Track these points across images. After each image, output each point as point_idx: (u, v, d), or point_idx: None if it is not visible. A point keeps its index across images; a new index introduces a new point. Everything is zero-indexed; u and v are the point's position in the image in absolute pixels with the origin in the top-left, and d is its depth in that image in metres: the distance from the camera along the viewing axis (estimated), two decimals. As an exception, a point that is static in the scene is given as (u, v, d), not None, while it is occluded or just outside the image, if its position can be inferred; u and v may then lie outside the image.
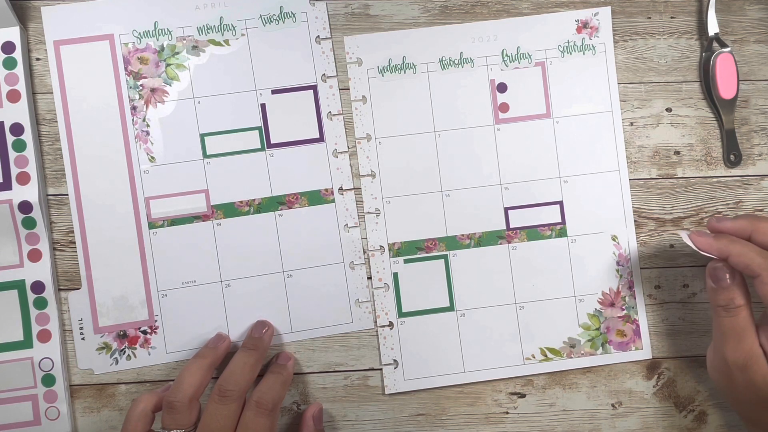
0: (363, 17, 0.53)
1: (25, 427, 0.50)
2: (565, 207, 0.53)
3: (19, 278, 0.50)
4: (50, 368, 0.50)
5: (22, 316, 0.50)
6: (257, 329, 0.50)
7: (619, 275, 0.53)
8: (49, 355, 0.50)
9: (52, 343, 0.50)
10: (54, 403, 0.50)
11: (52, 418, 0.50)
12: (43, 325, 0.50)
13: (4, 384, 0.50)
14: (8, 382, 0.50)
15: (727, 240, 0.44)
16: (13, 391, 0.50)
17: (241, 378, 0.46)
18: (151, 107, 0.51)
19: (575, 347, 0.52)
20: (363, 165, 0.53)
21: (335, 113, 0.52)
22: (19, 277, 0.50)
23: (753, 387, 0.44)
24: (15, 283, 0.50)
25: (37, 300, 0.50)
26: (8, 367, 0.50)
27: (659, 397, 0.53)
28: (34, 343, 0.50)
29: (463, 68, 0.53)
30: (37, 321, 0.50)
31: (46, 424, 0.50)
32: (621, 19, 0.53)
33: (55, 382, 0.50)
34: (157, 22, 0.51)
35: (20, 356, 0.50)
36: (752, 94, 0.54)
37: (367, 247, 0.52)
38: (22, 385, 0.50)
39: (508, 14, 0.53)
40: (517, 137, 0.53)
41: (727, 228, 0.45)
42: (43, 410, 0.50)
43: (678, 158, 0.53)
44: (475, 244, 0.53)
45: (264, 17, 0.52)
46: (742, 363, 0.44)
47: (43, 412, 0.50)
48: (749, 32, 0.54)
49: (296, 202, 0.52)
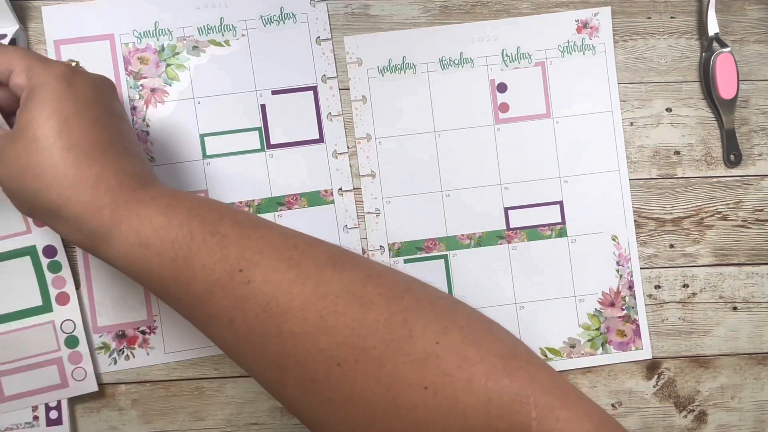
0: (363, 17, 0.53)
1: (54, 391, 0.50)
2: (565, 207, 0.53)
3: (30, 244, 0.50)
4: (72, 330, 0.50)
5: (38, 281, 0.50)
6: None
7: (619, 275, 0.53)
8: (70, 316, 0.50)
9: (72, 305, 0.50)
10: (80, 364, 0.50)
11: (78, 379, 0.50)
12: (60, 288, 0.50)
13: (28, 350, 0.50)
14: (32, 348, 0.50)
15: None
16: (37, 356, 0.50)
17: None
18: (151, 107, 0.52)
19: (575, 347, 0.52)
20: (363, 165, 0.53)
21: (335, 114, 0.52)
22: (29, 243, 0.50)
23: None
24: (26, 250, 0.50)
25: (52, 263, 0.50)
26: (30, 333, 0.50)
27: (659, 397, 0.53)
28: (53, 306, 0.50)
29: (463, 68, 0.53)
30: (53, 284, 0.50)
31: (73, 385, 0.50)
32: (621, 19, 0.53)
33: (78, 344, 0.50)
34: (157, 22, 0.52)
35: (41, 321, 0.50)
36: (752, 94, 0.54)
37: (367, 247, 0.52)
38: (46, 350, 0.50)
39: (508, 14, 0.53)
40: (517, 137, 0.53)
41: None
42: (69, 372, 0.50)
43: (678, 158, 0.53)
44: (475, 244, 0.53)
45: (264, 18, 0.52)
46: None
47: (70, 373, 0.50)
48: (749, 32, 0.54)
49: (296, 203, 0.52)
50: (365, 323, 0.35)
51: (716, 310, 0.53)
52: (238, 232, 0.37)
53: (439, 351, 0.35)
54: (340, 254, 0.38)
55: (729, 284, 0.53)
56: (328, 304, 0.35)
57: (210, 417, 0.52)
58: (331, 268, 0.37)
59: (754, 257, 0.53)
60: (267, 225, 0.39)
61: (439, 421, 0.34)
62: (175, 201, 0.38)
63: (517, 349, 0.37)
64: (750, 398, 0.53)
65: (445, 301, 0.38)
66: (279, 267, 0.36)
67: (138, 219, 0.37)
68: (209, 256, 0.37)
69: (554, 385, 0.35)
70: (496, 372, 0.34)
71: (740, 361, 0.53)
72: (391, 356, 0.35)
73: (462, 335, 0.36)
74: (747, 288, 0.53)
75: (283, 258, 0.37)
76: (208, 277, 0.37)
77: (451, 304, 0.38)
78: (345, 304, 0.36)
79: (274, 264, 0.36)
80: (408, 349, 0.35)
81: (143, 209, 0.38)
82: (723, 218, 0.53)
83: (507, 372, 0.35)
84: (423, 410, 0.34)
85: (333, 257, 0.38)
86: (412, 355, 0.35)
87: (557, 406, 0.34)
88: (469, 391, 0.34)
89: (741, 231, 0.53)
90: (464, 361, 0.35)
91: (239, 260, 0.36)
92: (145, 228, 0.37)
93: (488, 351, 0.35)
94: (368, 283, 0.37)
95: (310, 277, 0.36)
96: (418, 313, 0.36)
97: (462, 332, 0.36)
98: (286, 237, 0.38)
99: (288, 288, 0.36)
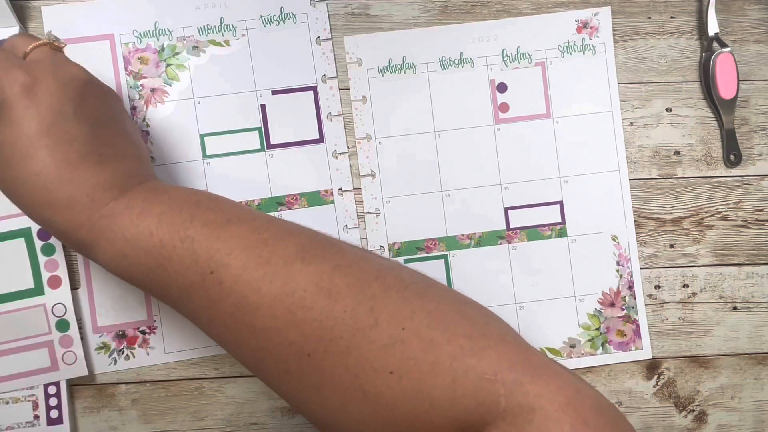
0: (363, 17, 0.53)
1: (44, 373, 0.50)
2: (565, 207, 0.53)
3: (25, 226, 0.50)
4: (63, 313, 0.50)
5: (30, 264, 0.50)
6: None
7: (619, 275, 0.53)
8: (61, 300, 0.50)
9: (63, 289, 0.50)
10: (70, 348, 0.50)
11: (69, 363, 0.50)
12: (52, 271, 0.50)
13: (20, 332, 0.50)
14: (23, 330, 0.50)
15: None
16: (28, 338, 0.50)
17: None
18: (151, 107, 0.52)
19: (575, 347, 0.52)
20: (363, 165, 0.53)
21: (335, 114, 0.52)
22: (25, 225, 0.50)
23: None
24: (21, 232, 0.50)
25: (45, 246, 0.50)
26: (21, 315, 0.50)
27: (659, 397, 0.53)
28: (45, 289, 0.50)
29: (463, 68, 0.53)
30: (46, 267, 0.50)
31: (64, 368, 0.50)
32: (621, 19, 0.53)
33: (69, 327, 0.50)
34: (157, 22, 0.52)
35: (32, 303, 0.50)
36: (752, 94, 0.54)
37: (367, 247, 0.52)
38: (37, 332, 0.50)
39: (508, 14, 0.53)
40: (517, 137, 0.53)
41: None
42: (60, 355, 0.50)
43: (678, 158, 0.53)
44: (475, 244, 0.53)
45: (264, 18, 0.52)
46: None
47: (60, 357, 0.50)
48: (749, 32, 0.54)
49: (296, 203, 0.52)
50: (332, 315, 0.36)
51: (716, 310, 0.53)
52: (208, 234, 0.38)
53: (404, 336, 0.36)
54: (310, 245, 0.39)
55: (729, 284, 0.53)
56: (296, 299, 0.37)
57: (210, 417, 0.52)
58: (300, 262, 0.37)
59: (754, 257, 0.53)
60: (239, 219, 0.39)
61: (405, 403, 0.35)
62: (146, 207, 0.39)
63: (487, 328, 0.37)
64: (750, 398, 0.53)
65: (416, 285, 0.38)
66: (248, 266, 0.37)
67: (112, 233, 0.38)
68: (180, 262, 0.38)
69: (524, 361, 0.35)
70: (462, 353, 0.35)
71: (740, 361, 0.53)
72: (357, 345, 0.36)
73: (429, 319, 0.36)
74: (747, 288, 0.53)
75: (253, 256, 0.37)
76: (182, 281, 0.38)
77: (422, 288, 0.38)
78: (312, 298, 0.37)
79: (243, 264, 0.37)
80: (373, 336, 0.36)
81: (116, 222, 0.39)
82: (723, 218, 0.53)
83: (473, 352, 0.35)
84: (389, 394, 0.35)
85: (303, 250, 0.38)
86: (377, 342, 0.36)
87: (526, 381, 0.34)
88: (433, 373, 0.35)
89: (741, 231, 0.53)
90: (429, 344, 0.36)
91: (209, 263, 0.37)
92: (118, 241, 0.38)
93: (455, 333, 0.36)
94: (336, 274, 0.37)
95: (278, 273, 0.37)
96: (386, 301, 0.37)
97: (429, 316, 0.37)
98: (257, 232, 0.39)
99: (257, 287, 0.37)
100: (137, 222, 0.38)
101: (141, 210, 0.39)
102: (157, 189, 0.41)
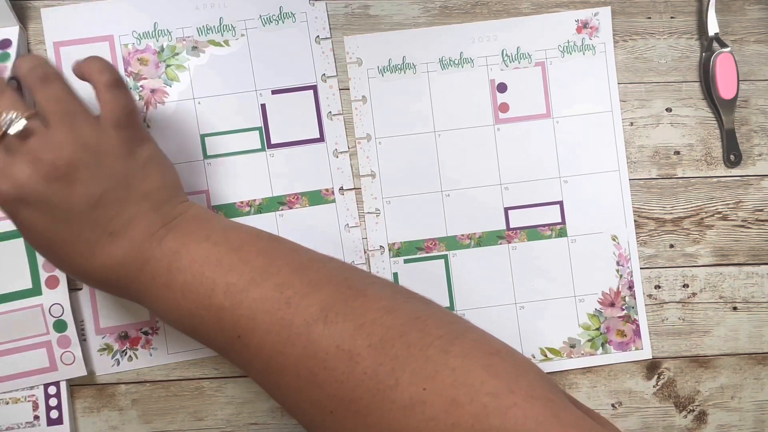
0: (363, 17, 0.53)
1: (43, 374, 0.50)
2: (565, 207, 0.53)
3: None
4: (60, 314, 0.50)
5: (29, 264, 0.50)
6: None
7: (619, 275, 0.53)
8: (59, 300, 0.50)
9: (61, 289, 0.50)
10: (68, 348, 0.50)
11: (67, 363, 0.50)
12: (50, 271, 0.50)
13: (18, 332, 0.50)
14: (21, 330, 0.50)
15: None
16: (26, 339, 0.50)
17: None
18: (152, 108, 0.51)
19: (575, 347, 0.53)
20: (363, 165, 0.53)
21: (335, 113, 0.52)
22: None
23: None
24: (19, 232, 0.50)
25: None
26: (20, 316, 0.50)
27: (659, 397, 0.53)
28: (42, 289, 0.50)
29: (463, 68, 0.53)
30: (44, 268, 0.50)
31: (62, 369, 0.50)
32: (621, 19, 0.53)
33: (67, 328, 0.50)
34: (156, 22, 0.51)
35: (30, 304, 0.50)
36: (752, 94, 0.54)
37: (367, 247, 0.52)
38: (35, 333, 0.50)
39: (508, 14, 0.53)
40: (517, 137, 0.53)
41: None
42: (58, 356, 0.50)
43: (678, 158, 0.53)
44: (475, 244, 0.53)
45: (264, 17, 0.52)
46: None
47: (59, 357, 0.50)
48: (749, 32, 0.54)
49: (297, 203, 0.52)
50: (353, 376, 0.36)
51: (716, 310, 0.53)
52: (231, 301, 0.39)
53: (425, 397, 0.35)
54: (334, 301, 0.38)
55: (729, 284, 0.53)
56: (318, 361, 0.37)
57: (210, 417, 0.52)
58: (322, 323, 0.37)
59: (754, 257, 0.53)
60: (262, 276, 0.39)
61: None
62: (170, 277, 0.40)
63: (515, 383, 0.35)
64: (750, 398, 0.53)
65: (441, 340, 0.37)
66: (271, 330, 0.38)
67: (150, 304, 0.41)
68: (208, 330, 0.40)
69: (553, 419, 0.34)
70: (485, 413, 0.34)
71: (740, 361, 0.53)
72: (377, 406, 0.36)
73: (453, 377, 0.35)
74: (747, 288, 0.53)
75: (275, 320, 0.38)
76: (214, 344, 0.41)
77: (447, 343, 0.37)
78: (334, 360, 0.37)
79: (266, 328, 0.38)
80: (394, 397, 0.35)
81: (146, 297, 0.41)
82: (723, 218, 0.53)
83: (498, 412, 0.34)
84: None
85: (325, 309, 0.38)
86: (398, 403, 0.35)
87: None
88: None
89: (741, 231, 0.53)
90: (451, 404, 0.34)
91: (235, 328, 0.39)
92: (158, 311, 0.42)
93: (479, 391, 0.35)
94: (358, 335, 0.37)
95: (300, 336, 0.37)
96: (407, 360, 0.36)
97: (453, 374, 0.35)
98: (280, 290, 0.39)
99: (281, 350, 0.38)
100: (165, 295, 0.40)
101: (165, 281, 0.40)
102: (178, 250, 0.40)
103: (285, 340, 0.37)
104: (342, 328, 0.37)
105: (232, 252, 0.40)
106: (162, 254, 0.40)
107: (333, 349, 0.37)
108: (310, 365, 0.37)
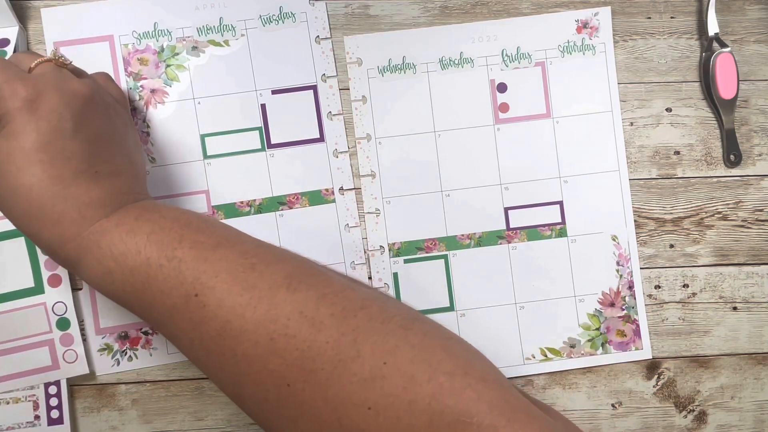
0: (363, 17, 0.53)
1: (45, 372, 0.50)
2: (565, 207, 0.53)
3: None
4: (63, 312, 0.50)
5: (31, 262, 0.50)
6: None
7: (619, 275, 0.53)
8: (62, 299, 0.50)
9: (63, 287, 0.50)
10: (71, 346, 0.50)
11: (70, 361, 0.50)
12: (52, 270, 0.50)
13: (21, 331, 0.50)
14: (24, 329, 0.50)
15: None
16: (29, 337, 0.50)
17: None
18: (151, 108, 0.52)
19: (575, 347, 0.53)
20: (363, 165, 0.53)
21: (335, 113, 0.52)
22: None
23: None
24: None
25: None
26: (22, 314, 0.50)
27: (659, 397, 0.53)
28: (45, 288, 0.50)
29: (463, 68, 0.53)
30: (46, 266, 0.50)
31: (65, 367, 0.50)
32: (621, 19, 0.53)
33: (69, 326, 0.50)
34: (156, 22, 0.51)
35: (33, 302, 0.50)
36: (752, 94, 0.54)
37: (367, 247, 0.52)
38: (38, 331, 0.50)
39: (508, 14, 0.53)
40: (517, 137, 0.53)
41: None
42: (60, 354, 0.50)
43: (678, 158, 0.53)
44: (475, 244, 0.53)
45: (264, 17, 0.52)
46: None
47: (61, 355, 0.50)
48: (749, 32, 0.54)
49: (297, 202, 0.52)
50: (314, 345, 0.36)
51: (716, 310, 0.53)
52: (196, 256, 0.38)
53: (385, 371, 0.35)
54: (298, 272, 0.39)
55: (729, 284, 0.53)
56: (278, 326, 0.36)
57: (210, 417, 0.52)
58: (285, 289, 0.37)
59: (754, 257, 0.53)
60: (229, 242, 0.39)
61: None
62: (137, 225, 0.39)
63: (470, 366, 0.37)
64: (750, 398, 0.53)
65: (401, 317, 0.38)
66: (233, 290, 0.37)
67: (99, 249, 0.38)
68: (165, 282, 0.38)
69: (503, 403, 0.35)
70: (441, 392, 0.35)
71: (740, 361, 0.53)
72: (337, 377, 0.35)
73: (412, 354, 0.36)
74: (747, 288, 0.53)
75: (238, 281, 0.37)
76: (166, 301, 0.38)
77: (407, 321, 0.38)
78: (295, 326, 0.36)
79: (228, 288, 0.37)
80: (355, 369, 0.35)
81: (104, 238, 0.38)
82: (723, 218, 0.53)
83: (453, 391, 0.35)
84: (366, 430, 0.35)
85: (290, 276, 0.38)
86: (359, 376, 0.35)
87: (501, 425, 0.34)
88: (411, 412, 0.35)
89: (741, 231, 0.53)
90: (410, 381, 0.35)
91: (194, 285, 0.37)
92: (105, 258, 0.38)
93: (437, 369, 0.35)
94: (321, 303, 0.37)
95: (262, 300, 0.37)
96: (369, 333, 0.36)
97: (413, 350, 0.36)
98: (245, 256, 0.38)
99: (241, 312, 0.37)
100: (126, 239, 0.38)
101: (131, 228, 0.39)
102: (149, 208, 0.40)
103: (246, 302, 0.37)
104: (305, 296, 0.37)
105: (201, 220, 0.41)
106: (133, 208, 0.40)
107: (296, 314, 0.36)
108: (270, 330, 0.36)
